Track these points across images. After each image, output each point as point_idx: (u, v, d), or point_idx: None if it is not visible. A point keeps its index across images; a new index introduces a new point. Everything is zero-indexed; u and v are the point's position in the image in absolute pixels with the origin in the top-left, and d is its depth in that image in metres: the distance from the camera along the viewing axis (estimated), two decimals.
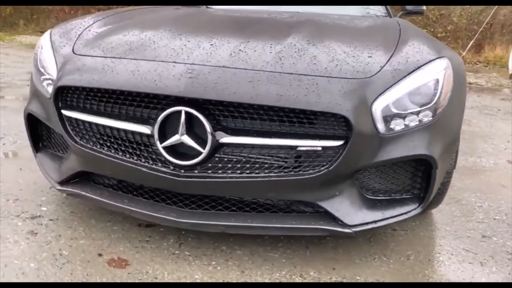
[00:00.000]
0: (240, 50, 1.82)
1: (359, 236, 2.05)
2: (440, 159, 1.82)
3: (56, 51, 2.03)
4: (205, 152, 1.64)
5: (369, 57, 1.87)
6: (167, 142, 1.66)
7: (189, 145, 1.65)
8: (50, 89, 1.98)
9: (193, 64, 1.71)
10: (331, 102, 1.60)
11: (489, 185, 2.83)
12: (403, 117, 1.74)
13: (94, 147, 1.82)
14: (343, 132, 1.64)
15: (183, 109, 1.62)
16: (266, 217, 1.75)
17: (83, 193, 1.90)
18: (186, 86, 1.62)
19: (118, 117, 1.76)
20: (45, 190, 2.40)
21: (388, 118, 1.72)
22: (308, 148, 1.64)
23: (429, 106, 1.77)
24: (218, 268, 1.81)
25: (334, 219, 1.76)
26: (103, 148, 1.81)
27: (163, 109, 1.66)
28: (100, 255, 1.85)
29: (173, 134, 1.67)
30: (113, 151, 1.79)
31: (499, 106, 5.39)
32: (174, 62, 1.74)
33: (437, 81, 1.81)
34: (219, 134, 1.63)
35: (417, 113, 1.76)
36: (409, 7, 3.58)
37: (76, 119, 1.84)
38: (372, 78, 1.74)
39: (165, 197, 1.81)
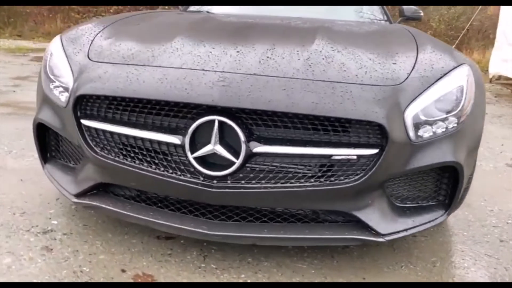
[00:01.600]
0: (268, 57, 1.78)
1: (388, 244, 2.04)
2: (465, 165, 1.83)
3: (70, 58, 1.94)
4: (238, 162, 1.59)
5: (393, 63, 1.87)
6: (199, 153, 1.61)
7: (221, 155, 1.60)
8: (63, 97, 1.89)
9: (223, 72, 1.67)
10: (367, 110, 1.58)
11: (494, 189, 2.87)
12: (430, 124, 1.74)
13: (117, 158, 1.75)
14: (377, 140, 1.62)
15: (217, 118, 1.57)
16: (299, 228, 1.71)
17: (104, 206, 1.81)
18: (220, 95, 1.57)
19: (144, 127, 1.69)
20: (52, 202, 2.30)
21: (418, 125, 1.71)
22: (343, 157, 1.61)
23: (454, 113, 1.77)
24: (248, 281, 1.76)
25: (367, 228, 1.73)
26: (127, 159, 1.73)
27: (194, 119, 1.60)
28: (123, 271, 1.77)
29: (204, 144, 1.62)
30: (137, 162, 1.72)
31: (485, 110, 5.50)
32: (203, 69, 1.69)
33: (462, 88, 1.81)
34: (252, 143, 1.59)
35: (444, 120, 1.76)
36: (407, 13, 3.60)
37: (97, 129, 1.76)
38: (402, 85, 1.73)
39: (193, 209, 1.75)
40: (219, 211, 1.73)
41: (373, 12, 3.39)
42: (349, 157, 1.61)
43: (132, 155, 1.73)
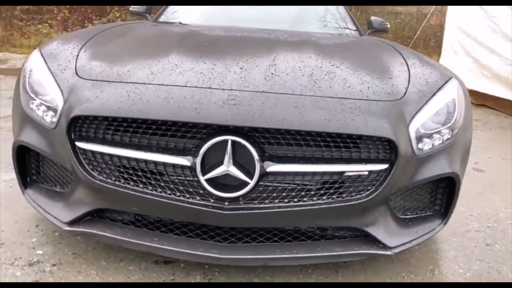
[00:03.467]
0: (272, 73, 1.75)
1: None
2: (460, 175, 1.89)
3: (56, 75, 1.81)
4: (252, 182, 1.55)
5: (390, 78, 1.90)
6: (211, 174, 1.54)
7: (234, 176, 1.55)
8: (48, 118, 1.77)
9: (232, 89, 1.62)
10: (377, 126, 1.59)
11: (468, 194, 2.99)
12: (428, 137, 1.78)
13: (117, 182, 1.64)
14: (386, 155, 1.64)
15: (230, 138, 1.52)
16: (310, 246, 1.69)
17: (101, 233, 1.70)
18: (232, 114, 1.52)
19: (148, 149, 1.60)
20: (32, 230, 2.14)
21: (419, 139, 1.75)
22: (355, 173, 1.62)
23: (449, 125, 1.83)
24: None
25: (375, 242, 1.74)
26: (129, 183, 1.64)
27: (205, 139, 1.54)
28: None
29: (214, 165, 1.56)
30: (141, 185, 1.63)
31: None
32: (210, 87, 1.63)
33: (454, 101, 1.88)
34: (266, 163, 1.55)
35: (440, 132, 1.81)
36: (375, 24, 3.70)
37: (94, 152, 1.65)
38: (403, 99, 1.77)
39: (200, 232, 1.68)
40: (228, 233, 1.68)
41: (347, 24, 3.45)
42: (361, 173, 1.61)
43: (135, 178, 1.63)
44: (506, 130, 5.14)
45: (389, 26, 3.88)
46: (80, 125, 1.65)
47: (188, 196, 1.60)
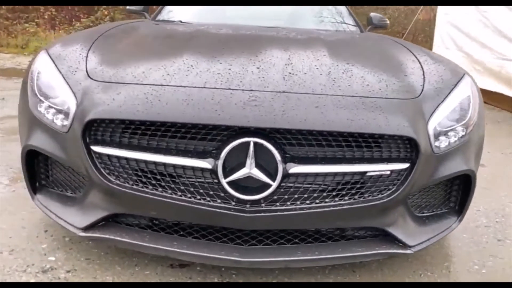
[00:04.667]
0: (290, 73, 1.73)
1: None
2: (475, 172, 1.89)
3: (67, 77, 1.76)
4: (275, 184, 1.52)
5: (405, 76, 1.90)
6: (233, 177, 1.52)
7: (257, 178, 1.52)
8: (59, 121, 1.73)
9: (252, 90, 1.59)
10: (399, 124, 1.58)
11: None
12: (445, 134, 1.78)
13: (135, 186, 1.61)
14: (407, 153, 1.63)
15: (252, 140, 1.49)
16: (331, 247, 1.67)
17: (118, 238, 1.66)
18: (254, 116, 1.49)
19: (167, 152, 1.57)
20: (41, 235, 2.09)
21: (437, 137, 1.74)
22: (377, 173, 1.60)
23: (464, 122, 1.83)
24: None
25: (394, 241, 1.74)
26: (147, 187, 1.60)
27: (226, 141, 1.51)
28: None
29: (235, 167, 1.53)
30: (160, 189, 1.59)
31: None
32: (229, 88, 1.60)
33: (469, 98, 1.88)
34: (289, 164, 1.53)
35: (455, 130, 1.80)
36: (374, 21, 3.70)
37: (110, 156, 1.61)
38: (420, 97, 1.76)
39: (220, 235, 1.65)
40: (249, 236, 1.65)
41: (347, 21, 3.43)
42: (383, 172, 1.60)
43: (153, 182, 1.60)
44: (501, 124, 5.19)
45: (388, 22, 3.89)
46: (95, 129, 1.60)
47: (208, 199, 1.57)
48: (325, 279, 1.87)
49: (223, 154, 1.50)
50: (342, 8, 3.58)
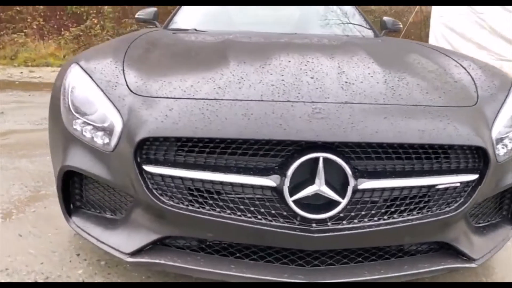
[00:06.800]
0: (346, 82, 1.65)
1: None
2: None
3: (108, 92, 1.65)
4: (344, 201, 1.43)
5: (455, 82, 1.83)
6: (300, 195, 1.42)
7: (325, 196, 1.43)
8: (98, 139, 1.62)
9: (313, 102, 1.50)
10: (469, 134, 1.51)
11: None
12: (501, 142, 1.71)
13: (190, 207, 1.50)
14: (475, 164, 1.56)
15: (321, 155, 1.40)
16: (397, 265, 1.59)
17: (170, 263, 1.55)
18: (322, 129, 1.40)
19: (226, 170, 1.47)
20: (74, 260, 1.97)
21: (498, 144, 1.68)
22: (446, 185, 1.53)
23: None
24: None
25: (458, 255, 1.66)
26: (204, 207, 1.50)
27: (292, 157, 1.42)
28: None
29: (301, 184, 1.44)
30: (217, 209, 1.49)
31: None
32: (289, 101, 1.51)
33: None
34: (359, 180, 1.44)
35: (510, 136, 1.75)
36: (388, 24, 3.65)
37: (163, 176, 1.50)
38: (479, 104, 1.70)
39: (280, 256, 1.56)
40: (311, 256, 1.56)
41: (362, 24, 3.38)
42: (453, 184, 1.52)
43: (210, 202, 1.49)
44: None
45: (401, 26, 3.86)
46: (147, 147, 1.49)
47: (270, 218, 1.48)
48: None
49: (290, 171, 1.40)
50: (353, 10, 3.54)
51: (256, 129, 1.41)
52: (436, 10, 8.49)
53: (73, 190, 1.81)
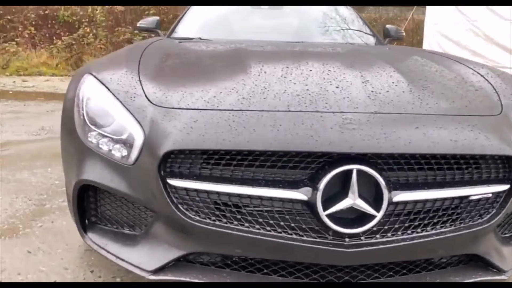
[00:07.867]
0: (372, 91, 1.61)
1: None
2: None
3: (126, 103, 1.60)
4: (379, 214, 1.39)
5: (476, 90, 1.81)
6: (334, 208, 1.37)
7: (360, 209, 1.38)
8: (116, 152, 1.56)
9: (342, 112, 1.46)
10: (500, 143, 1.48)
11: None
12: None
13: (217, 222, 1.45)
14: (506, 173, 1.53)
15: (355, 167, 1.35)
16: (429, 278, 1.55)
17: (195, 280, 1.49)
18: (355, 140, 1.36)
19: (254, 183, 1.41)
20: (88, 277, 1.90)
21: None
22: (479, 196, 1.49)
23: None
24: None
25: (487, 267, 1.63)
26: (232, 222, 1.44)
27: (323, 169, 1.37)
28: None
29: (334, 197, 1.39)
30: (246, 224, 1.44)
31: None
32: (317, 111, 1.47)
33: None
34: (394, 192, 1.40)
35: None
36: (392, 32, 3.65)
37: (188, 189, 1.44)
38: (504, 112, 1.67)
39: (310, 272, 1.50)
40: (342, 271, 1.51)
41: (368, 33, 3.38)
42: (486, 195, 1.49)
43: (239, 217, 1.44)
44: None
45: (404, 34, 3.87)
46: (172, 160, 1.44)
47: (301, 233, 1.43)
48: None
49: (323, 183, 1.35)
50: (354, 17, 3.54)
51: (286, 140, 1.37)
52: (430, 18, 8.55)
53: (88, 205, 1.74)
